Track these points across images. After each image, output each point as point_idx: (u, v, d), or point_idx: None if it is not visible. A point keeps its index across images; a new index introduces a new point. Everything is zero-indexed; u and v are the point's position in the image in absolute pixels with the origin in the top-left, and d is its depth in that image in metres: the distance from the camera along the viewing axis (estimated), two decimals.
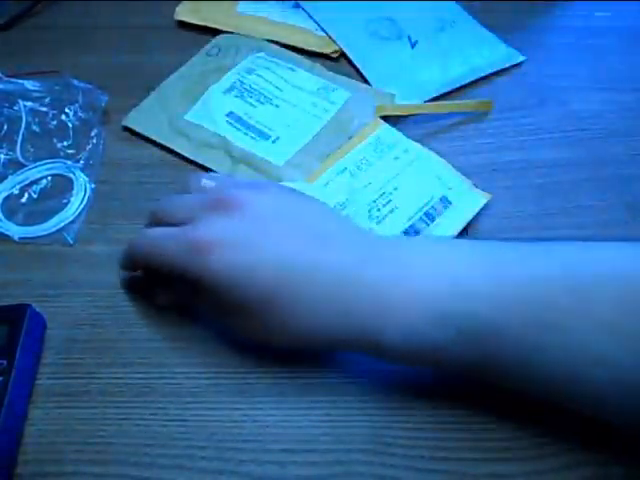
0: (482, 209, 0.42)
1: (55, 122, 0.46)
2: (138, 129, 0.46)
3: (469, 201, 0.42)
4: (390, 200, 0.41)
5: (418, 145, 0.44)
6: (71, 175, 0.43)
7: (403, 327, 0.28)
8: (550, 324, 0.27)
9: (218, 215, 0.31)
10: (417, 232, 0.40)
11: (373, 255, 0.31)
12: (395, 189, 0.41)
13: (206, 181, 0.36)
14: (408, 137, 0.45)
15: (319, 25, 0.54)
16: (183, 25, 0.55)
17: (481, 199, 0.42)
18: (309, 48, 0.53)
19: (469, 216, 0.41)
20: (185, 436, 0.32)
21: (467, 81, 0.51)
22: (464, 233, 0.41)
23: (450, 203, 0.41)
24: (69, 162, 0.44)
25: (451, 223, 0.40)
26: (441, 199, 0.41)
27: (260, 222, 0.31)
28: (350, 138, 0.45)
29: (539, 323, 0.27)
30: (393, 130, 0.45)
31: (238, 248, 0.30)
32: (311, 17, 0.55)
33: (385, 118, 0.46)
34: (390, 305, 0.29)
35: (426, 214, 0.40)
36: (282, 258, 0.30)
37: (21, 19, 0.55)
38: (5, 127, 0.45)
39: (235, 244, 0.30)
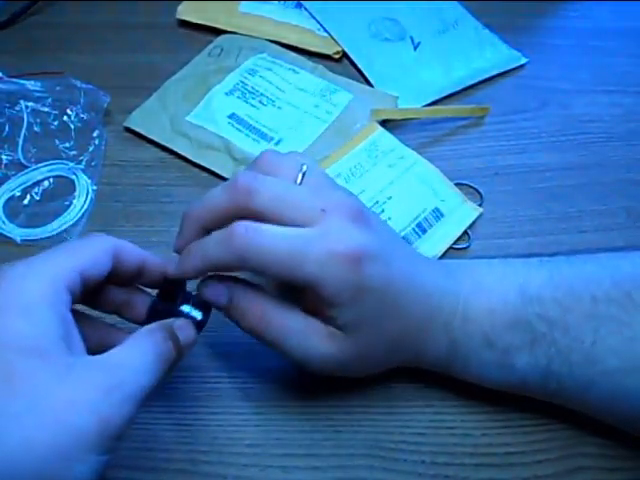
0: (483, 213, 0.42)
1: (57, 123, 0.46)
2: (140, 130, 0.46)
3: (461, 214, 0.42)
4: (383, 210, 0.40)
5: (414, 153, 0.44)
6: (73, 177, 0.43)
7: (481, 334, 0.31)
8: (604, 316, 0.29)
9: (358, 227, 0.29)
10: (409, 244, 0.39)
11: (452, 277, 0.32)
12: (389, 198, 0.41)
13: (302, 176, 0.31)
14: (409, 140, 0.45)
15: (321, 25, 0.54)
16: (185, 24, 0.55)
17: (473, 213, 0.42)
18: (311, 48, 0.53)
19: (460, 230, 0.41)
20: (187, 440, 0.32)
21: (469, 83, 0.51)
22: (466, 236, 0.41)
23: (442, 215, 0.41)
24: (71, 163, 0.44)
25: (441, 236, 0.40)
26: (433, 210, 0.41)
27: (388, 236, 0.32)
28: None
29: (596, 316, 0.30)
30: (389, 135, 0.45)
31: (382, 261, 0.29)
32: (313, 17, 0.55)
33: (384, 122, 0.46)
34: (469, 316, 0.31)
35: (418, 225, 0.40)
36: (410, 273, 0.31)
37: (21, 18, 0.55)
38: (6, 128, 0.45)
39: (378, 257, 0.29)
